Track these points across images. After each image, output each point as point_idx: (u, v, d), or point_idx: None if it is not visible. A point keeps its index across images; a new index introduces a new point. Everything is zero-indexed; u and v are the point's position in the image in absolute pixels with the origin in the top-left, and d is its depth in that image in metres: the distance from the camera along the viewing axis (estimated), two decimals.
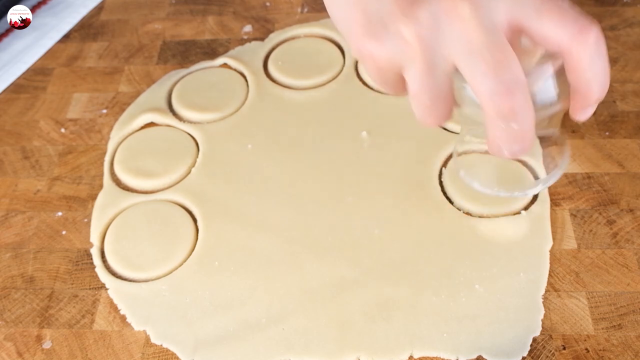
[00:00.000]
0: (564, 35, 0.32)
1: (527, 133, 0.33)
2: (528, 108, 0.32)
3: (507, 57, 0.31)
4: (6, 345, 0.46)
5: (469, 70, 0.32)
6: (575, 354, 0.43)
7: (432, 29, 0.32)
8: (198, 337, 0.45)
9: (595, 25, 0.32)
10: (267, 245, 0.49)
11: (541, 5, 0.32)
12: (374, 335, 0.44)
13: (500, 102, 0.31)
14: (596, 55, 0.32)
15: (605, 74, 0.33)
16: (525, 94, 0.31)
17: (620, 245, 0.48)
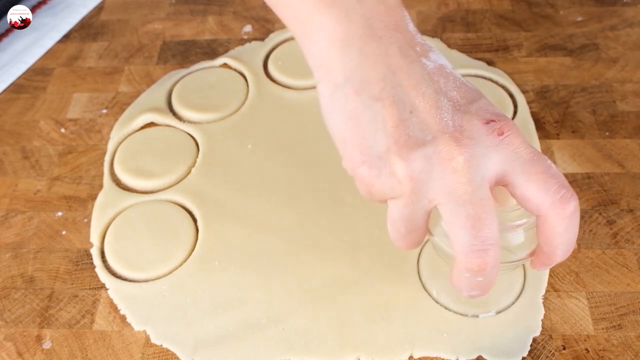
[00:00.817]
0: (545, 201, 0.33)
1: (489, 284, 0.35)
2: (496, 265, 0.33)
3: (488, 214, 0.32)
4: (6, 345, 0.46)
5: (449, 219, 0.33)
6: (575, 354, 0.43)
7: (423, 172, 0.33)
8: (198, 337, 0.45)
9: (575, 199, 0.33)
10: (267, 245, 0.49)
11: (530, 166, 0.33)
12: (374, 335, 0.44)
13: (473, 258, 0.33)
14: (570, 226, 0.33)
15: (573, 243, 0.35)
16: (496, 252, 0.33)
17: (620, 245, 0.48)
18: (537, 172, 0.33)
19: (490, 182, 0.33)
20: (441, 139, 0.33)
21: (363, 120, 0.34)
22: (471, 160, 0.32)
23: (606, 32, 0.63)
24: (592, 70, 0.60)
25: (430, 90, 0.34)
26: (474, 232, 0.32)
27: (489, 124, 0.33)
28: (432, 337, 0.44)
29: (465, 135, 0.33)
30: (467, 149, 0.32)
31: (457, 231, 0.33)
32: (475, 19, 0.66)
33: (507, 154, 0.33)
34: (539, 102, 0.58)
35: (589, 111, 0.57)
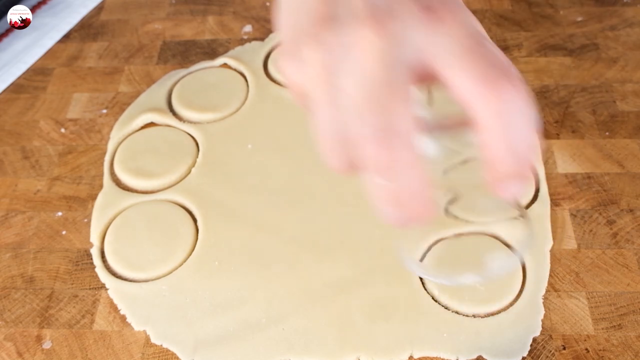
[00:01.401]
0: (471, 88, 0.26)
1: (409, 198, 0.28)
2: (402, 161, 0.26)
3: (394, 98, 0.26)
4: (6, 345, 0.46)
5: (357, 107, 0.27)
6: (575, 354, 0.43)
7: (338, 59, 0.27)
8: (198, 337, 0.45)
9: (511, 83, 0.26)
10: (267, 245, 0.49)
11: (460, 48, 0.26)
12: (374, 335, 0.44)
13: (369, 149, 0.27)
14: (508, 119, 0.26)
15: (520, 142, 0.26)
16: (398, 143, 0.26)
17: (620, 245, 0.48)
18: (469, 52, 0.26)
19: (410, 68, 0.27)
20: (363, 20, 0.27)
21: (293, 8, 0.30)
22: (387, 41, 0.27)
23: (606, 32, 0.63)
24: (592, 70, 0.60)
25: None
26: (375, 121, 0.26)
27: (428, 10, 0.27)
28: (432, 337, 0.44)
29: (390, 15, 0.27)
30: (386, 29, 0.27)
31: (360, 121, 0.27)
32: None
33: (436, 36, 0.27)
34: (539, 102, 0.58)
35: (589, 111, 0.57)
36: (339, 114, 0.28)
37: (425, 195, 0.28)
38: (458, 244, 0.48)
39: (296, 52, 0.29)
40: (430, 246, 0.49)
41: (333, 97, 0.28)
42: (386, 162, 0.27)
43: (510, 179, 0.27)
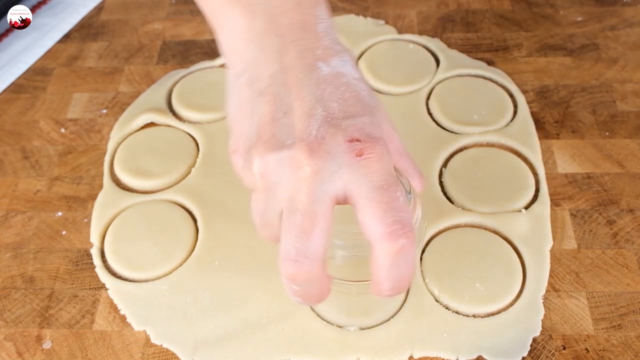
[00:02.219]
0: (376, 231, 0.32)
1: (310, 297, 0.35)
2: (312, 279, 0.33)
3: (316, 228, 0.32)
4: (6, 345, 0.46)
5: (283, 223, 0.33)
6: (575, 354, 0.43)
7: (275, 174, 0.33)
8: (198, 337, 0.45)
9: (407, 238, 0.32)
10: (267, 245, 0.49)
11: (376, 193, 0.32)
12: (374, 335, 0.44)
13: (285, 266, 0.33)
14: (395, 263, 0.32)
15: (402, 281, 0.34)
16: (312, 267, 0.32)
17: (620, 245, 0.48)
18: (380, 200, 0.32)
19: (335, 198, 0.33)
20: (298, 146, 0.33)
21: (246, 112, 0.36)
22: (318, 173, 0.32)
23: (606, 32, 0.63)
24: (592, 70, 0.60)
25: (311, 96, 0.34)
26: (294, 242, 0.32)
27: (352, 142, 0.33)
28: (432, 337, 0.44)
29: (322, 147, 0.33)
30: (317, 162, 0.32)
31: (284, 237, 0.33)
32: (475, 19, 0.66)
33: (359, 175, 0.32)
34: (539, 102, 0.58)
35: (589, 111, 0.57)
36: (267, 211, 0.35)
37: (324, 292, 0.35)
38: (457, 237, 0.48)
39: (244, 156, 0.35)
40: (430, 239, 0.49)
41: (267, 199, 0.34)
42: (295, 277, 0.33)
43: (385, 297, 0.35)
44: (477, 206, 0.50)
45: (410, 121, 0.56)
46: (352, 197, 0.33)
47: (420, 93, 0.59)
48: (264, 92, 0.35)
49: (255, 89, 0.35)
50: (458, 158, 0.54)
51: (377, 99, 0.37)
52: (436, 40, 0.63)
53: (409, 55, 0.62)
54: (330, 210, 0.33)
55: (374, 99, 0.36)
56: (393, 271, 0.33)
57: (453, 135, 0.55)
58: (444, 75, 0.60)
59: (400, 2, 0.68)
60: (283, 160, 0.33)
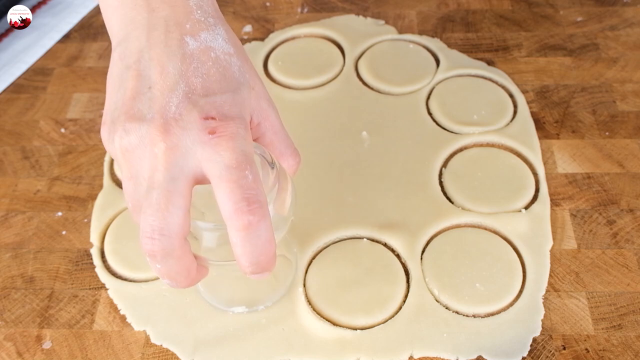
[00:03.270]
0: (226, 209, 0.33)
1: (175, 274, 0.35)
2: (169, 256, 0.34)
3: (169, 206, 0.33)
4: (6, 345, 0.46)
5: (143, 201, 0.34)
6: (575, 354, 0.43)
7: (135, 148, 0.34)
8: (198, 337, 0.45)
9: (254, 214, 0.33)
10: None
11: (226, 172, 0.33)
12: (374, 335, 0.44)
13: (143, 243, 0.33)
14: (246, 239, 0.33)
15: (255, 255, 0.34)
16: (167, 243, 0.33)
17: (620, 245, 0.48)
18: (229, 179, 0.33)
19: (193, 176, 0.34)
20: (156, 122, 0.33)
21: (115, 86, 0.36)
22: (172, 150, 0.33)
23: (606, 32, 0.63)
24: (592, 70, 0.60)
25: (175, 71, 0.35)
26: (150, 220, 0.33)
27: (207, 120, 0.33)
28: (432, 337, 0.44)
29: (178, 124, 0.33)
30: (172, 139, 0.33)
31: (142, 215, 0.34)
32: (475, 19, 0.66)
33: (211, 154, 0.33)
34: (539, 102, 0.58)
35: (589, 111, 0.57)
36: (136, 190, 0.35)
37: (189, 273, 0.35)
38: (457, 237, 0.48)
39: (111, 130, 0.35)
40: (429, 239, 0.49)
41: (133, 175, 0.34)
42: (152, 254, 0.33)
43: (250, 275, 0.35)
44: (477, 206, 0.50)
45: (410, 121, 0.56)
46: (208, 175, 0.33)
47: (420, 93, 0.59)
48: (131, 67, 0.35)
49: (124, 63, 0.36)
50: (458, 158, 0.54)
51: (249, 75, 0.37)
52: (436, 40, 0.63)
53: (409, 55, 0.62)
54: (187, 187, 0.33)
55: (244, 75, 0.37)
56: (247, 248, 0.33)
57: (453, 135, 0.55)
58: (444, 75, 0.60)
59: (400, 2, 0.68)
60: (143, 136, 0.33)
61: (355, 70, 0.61)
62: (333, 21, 0.66)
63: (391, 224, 0.50)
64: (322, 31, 0.65)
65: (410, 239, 0.49)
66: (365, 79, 0.60)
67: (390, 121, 0.56)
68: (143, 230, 0.33)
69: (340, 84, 0.60)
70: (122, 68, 0.36)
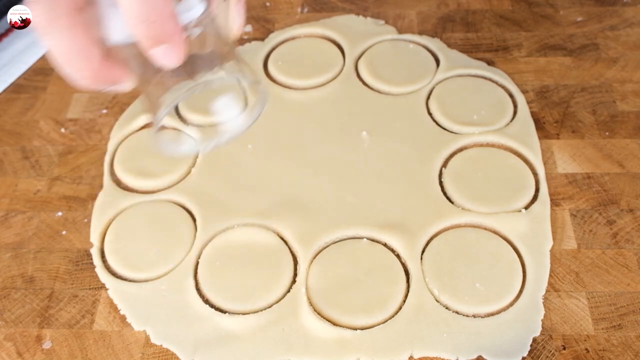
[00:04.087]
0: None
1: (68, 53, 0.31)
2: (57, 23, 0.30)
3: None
4: (6, 345, 0.46)
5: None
6: (575, 354, 0.43)
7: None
8: (198, 337, 0.45)
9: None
10: (267, 245, 0.49)
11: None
12: (374, 335, 0.44)
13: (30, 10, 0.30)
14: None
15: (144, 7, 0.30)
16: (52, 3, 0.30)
17: (620, 245, 0.48)
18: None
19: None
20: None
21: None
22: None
23: (606, 32, 0.63)
24: (592, 70, 0.60)
25: None
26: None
27: None
28: (432, 337, 0.44)
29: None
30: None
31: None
32: (475, 19, 0.66)
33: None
34: (539, 102, 0.58)
35: (589, 111, 0.57)
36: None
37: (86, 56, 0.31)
38: (457, 237, 0.48)
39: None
40: (429, 239, 0.49)
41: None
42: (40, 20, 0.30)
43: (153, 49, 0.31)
44: (477, 206, 0.50)
45: (410, 121, 0.56)
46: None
47: (420, 93, 0.59)
48: None
49: None
50: (458, 158, 0.54)
51: None
52: (436, 40, 0.63)
53: (409, 55, 0.62)
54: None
55: None
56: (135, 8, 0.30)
57: (453, 135, 0.55)
58: (444, 75, 0.60)
59: (400, 2, 0.68)
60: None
61: (355, 70, 0.61)
62: (333, 21, 0.66)
63: (391, 224, 0.50)
64: (322, 31, 0.65)
65: (410, 239, 0.49)
66: (365, 79, 0.60)
67: (390, 121, 0.56)
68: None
69: (340, 84, 0.60)
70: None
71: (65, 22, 0.30)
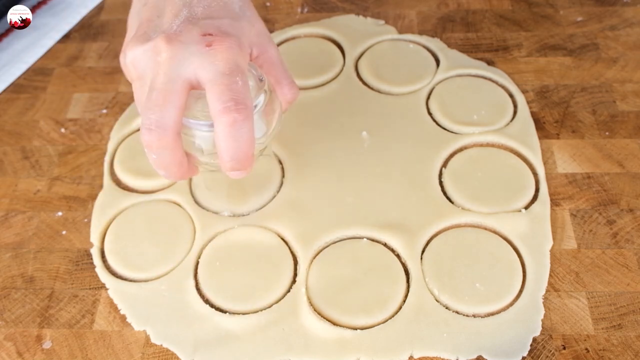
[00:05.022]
0: (215, 107, 0.38)
1: (169, 165, 0.41)
2: (165, 147, 0.40)
3: (166, 103, 0.38)
4: (6, 345, 0.46)
5: (145, 102, 0.39)
6: (575, 354, 0.43)
7: (142, 62, 0.40)
8: (198, 337, 0.45)
9: (239, 113, 0.38)
10: (267, 245, 0.49)
11: (218, 77, 0.38)
12: (374, 335, 0.44)
13: (142, 134, 0.39)
14: (230, 135, 0.39)
15: (236, 152, 0.40)
16: (163, 135, 0.39)
17: (620, 245, 0.48)
18: (221, 83, 0.38)
19: (189, 82, 0.39)
20: (160, 38, 0.40)
21: (134, 20, 0.44)
22: (173, 59, 0.39)
23: (606, 32, 0.63)
24: (592, 70, 0.60)
25: (181, 2, 0.42)
26: (149, 114, 0.39)
27: (205, 36, 0.39)
28: (432, 337, 0.44)
29: (179, 38, 0.39)
30: (173, 49, 0.39)
31: (143, 111, 0.39)
32: (475, 19, 0.66)
33: (207, 62, 0.39)
34: (539, 102, 0.58)
35: (589, 111, 0.57)
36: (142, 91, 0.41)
37: (180, 165, 0.41)
38: (457, 237, 0.48)
39: (125, 51, 0.42)
40: (429, 239, 0.49)
41: (141, 87, 0.41)
42: (149, 144, 0.39)
43: (230, 172, 0.41)
44: (477, 206, 0.50)
45: (410, 121, 0.56)
46: (201, 81, 0.39)
47: (420, 93, 0.59)
48: (147, 3, 0.43)
49: (142, 1, 0.44)
50: (458, 158, 0.54)
51: (250, 13, 0.44)
52: (436, 40, 0.63)
53: (409, 55, 0.62)
54: (183, 90, 0.39)
55: (245, 12, 0.43)
56: (229, 143, 0.39)
57: (453, 135, 0.55)
58: (444, 75, 0.60)
59: (400, 2, 0.68)
60: (147, 50, 0.40)
61: (356, 70, 0.61)
62: (333, 21, 0.66)
63: (391, 224, 0.50)
64: (322, 31, 0.65)
65: (410, 239, 0.49)
66: (365, 78, 0.60)
67: (390, 121, 0.56)
68: (143, 124, 0.39)
69: (340, 84, 0.60)
70: (139, 5, 0.44)
71: (171, 145, 0.40)
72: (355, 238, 0.49)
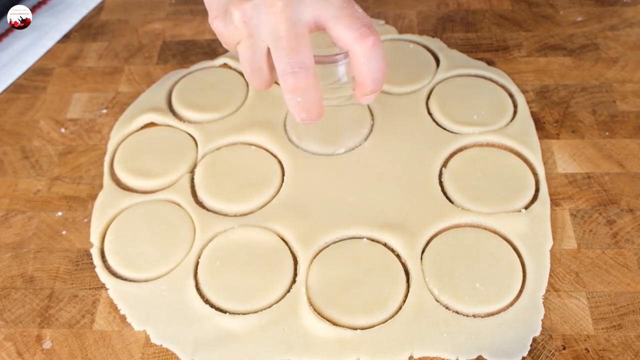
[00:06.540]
0: (349, 38, 0.41)
1: (312, 105, 0.43)
2: (310, 86, 0.41)
3: (301, 45, 0.40)
4: (6, 345, 0.46)
5: (274, 53, 0.41)
6: (575, 354, 0.43)
7: (254, 18, 0.41)
8: (198, 337, 0.45)
9: (374, 35, 0.41)
10: (267, 245, 0.49)
11: (339, 12, 0.41)
12: (374, 335, 0.44)
13: (286, 79, 0.41)
14: (372, 57, 0.41)
15: (379, 72, 0.43)
16: (307, 75, 0.41)
17: (620, 245, 0.48)
18: (344, 15, 0.41)
19: (308, 24, 0.41)
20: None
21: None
22: (288, 5, 0.41)
23: (606, 32, 0.63)
24: (592, 70, 0.60)
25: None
26: (287, 59, 0.40)
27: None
28: (432, 337, 0.44)
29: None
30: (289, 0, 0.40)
31: (277, 61, 0.41)
32: (475, 19, 0.66)
33: (321, 2, 0.41)
34: (539, 102, 0.58)
35: (589, 111, 0.57)
36: (255, 54, 0.43)
37: (320, 104, 0.43)
38: (457, 237, 0.48)
39: (223, 15, 0.43)
40: (429, 239, 0.49)
41: (252, 44, 0.42)
42: (297, 86, 0.41)
43: (369, 94, 0.45)
44: (477, 206, 0.50)
45: (410, 121, 0.56)
46: (321, 21, 0.41)
47: (420, 93, 0.59)
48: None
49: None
50: (458, 158, 0.54)
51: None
52: (436, 40, 0.63)
53: (409, 55, 0.62)
54: (306, 32, 0.41)
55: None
56: (372, 65, 0.42)
57: (453, 135, 0.55)
58: (444, 75, 0.60)
59: (400, 2, 0.68)
60: (258, 5, 0.41)
61: None
62: None
63: (391, 224, 0.50)
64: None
65: (410, 239, 0.49)
66: None
67: (390, 121, 0.56)
68: (283, 70, 0.40)
69: None
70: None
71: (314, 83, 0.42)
72: (355, 238, 0.49)
